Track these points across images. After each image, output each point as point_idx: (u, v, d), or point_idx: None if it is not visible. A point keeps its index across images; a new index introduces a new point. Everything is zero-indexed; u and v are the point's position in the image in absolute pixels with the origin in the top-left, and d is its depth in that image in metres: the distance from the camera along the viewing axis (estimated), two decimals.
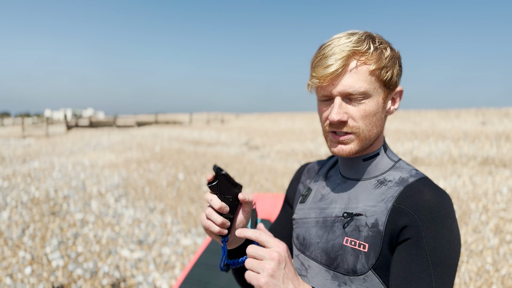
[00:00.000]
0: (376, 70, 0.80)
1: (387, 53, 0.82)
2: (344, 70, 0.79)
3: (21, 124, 24.52)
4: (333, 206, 0.90)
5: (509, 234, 4.20)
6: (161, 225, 4.93)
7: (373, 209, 0.82)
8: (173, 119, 41.39)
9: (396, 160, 0.90)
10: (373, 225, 0.80)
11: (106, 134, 20.25)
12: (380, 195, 0.83)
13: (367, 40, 0.81)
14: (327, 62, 0.79)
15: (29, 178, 7.54)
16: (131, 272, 3.66)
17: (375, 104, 0.82)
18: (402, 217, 0.77)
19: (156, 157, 10.50)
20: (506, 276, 3.40)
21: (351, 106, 0.82)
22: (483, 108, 28.58)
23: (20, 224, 4.72)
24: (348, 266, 0.82)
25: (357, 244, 0.81)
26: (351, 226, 0.84)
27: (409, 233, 0.76)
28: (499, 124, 16.53)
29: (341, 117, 0.81)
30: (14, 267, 3.60)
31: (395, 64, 0.83)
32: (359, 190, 0.87)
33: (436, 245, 0.74)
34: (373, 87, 0.81)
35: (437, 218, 0.75)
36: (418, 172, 0.85)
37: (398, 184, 0.83)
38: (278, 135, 18.74)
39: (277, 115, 42.93)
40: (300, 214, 0.99)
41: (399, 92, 0.89)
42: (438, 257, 0.74)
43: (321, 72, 0.80)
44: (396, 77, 0.84)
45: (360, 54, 0.79)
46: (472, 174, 7.26)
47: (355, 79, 0.79)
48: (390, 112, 0.88)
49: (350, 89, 0.79)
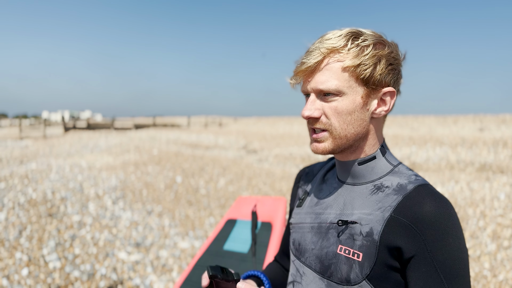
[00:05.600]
0: (350, 67, 0.78)
1: (367, 50, 0.78)
2: (318, 67, 0.80)
3: (18, 126, 24.44)
4: (328, 211, 0.88)
5: (507, 240, 4.21)
6: (158, 228, 4.92)
7: (369, 217, 0.79)
8: (171, 122, 41.36)
9: (396, 164, 0.86)
10: (368, 234, 0.78)
11: (103, 137, 20.20)
12: (377, 203, 0.80)
13: (348, 37, 0.79)
14: (303, 59, 0.81)
15: (26, 179, 7.51)
16: (129, 274, 3.65)
17: (350, 102, 0.80)
18: (401, 229, 0.75)
19: (154, 160, 10.49)
20: (503, 281, 3.40)
21: (324, 102, 0.81)
22: (481, 114, 28.72)
23: (17, 226, 4.70)
24: (342, 275, 0.80)
25: (351, 253, 0.79)
26: (345, 234, 0.81)
27: (413, 249, 0.74)
28: (496, 130, 16.59)
29: (311, 113, 0.82)
30: (11, 269, 3.58)
31: (379, 62, 0.79)
32: (355, 195, 0.85)
33: (445, 258, 0.72)
34: (347, 85, 0.79)
35: (441, 230, 0.73)
36: (418, 178, 0.81)
37: (396, 192, 0.79)
38: (276, 139, 18.75)
39: (275, 119, 42.97)
40: (296, 219, 0.97)
41: (388, 92, 0.83)
42: (449, 270, 0.72)
43: (297, 68, 0.83)
44: (381, 76, 0.80)
45: (335, 51, 0.79)
46: (469, 180, 7.28)
47: (327, 76, 0.79)
48: (377, 113, 0.83)
49: (321, 86, 0.79)
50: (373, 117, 0.84)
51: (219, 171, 9.06)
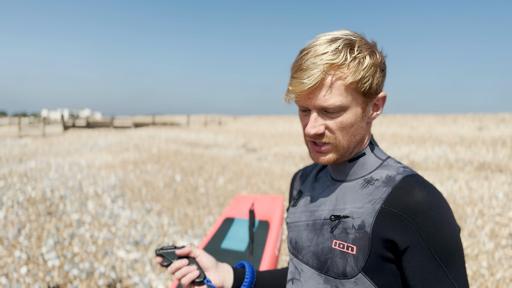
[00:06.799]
0: (353, 84, 0.78)
1: (365, 63, 0.79)
2: (320, 85, 0.78)
3: (17, 124, 24.42)
4: (321, 208, 0.90)
5: (505, 238, 4.22)
6: (157, 226, 4.92)
7: (360, 211, 0.81)
8: (170, 121, 41.33)
9: (384, 158, 0.89)
10: (360, 226, 0.79)
11: (103, 135, 20.20)
12: (367, 196, 0.82)
13: (344, 50, 0.78)
14: (303, 77, 0.78)
15: (25, 178, 7.52)
16: (127, 273, 3.65)
17: (353, 115, 0.81)
18: (393, 220, 0.76)
19: (153, 159, 10.49)
20: (501, 280, 3.42)
21: (328, 118, 0.82)
22: (480, 113, 28.74)
23: (16, 224, 4.70)
24: (338, 269, 0.81)
25: (345, 246, 0.80)
26: (338, 228, 0.83)
27: (408, 239, 0.75)
28: (495, 129, 16.62)
29: (316, 131, 0.82)
30: (9, 267, 3.58)
31: (376, 72, 0.81)
32: (346, 191, 0.87)
33: (440, 244, 0.74)
34: (350, 100, 0.80)
35: (433, 217, 0.74)
36: (406, 169, 0.84)
37: (385, 183, 0.81)
38: (276, 138, 18.77)
39: (274, 117, 42.98)
40: (292, 218, 1.00)
41: (381, 98, 0.86)
42: (446, 255, 0.74)
43: (296, 87, 0.80)
44: (377, 85, 0.82)
45: (335, 67, 0.77)
46: (468, 179, 7.30)
47: (331, 94, 0.78)
48: (372, 118, 0.87)
49: (325, 104, 0.79)
50: (367, 122, 0.88)
51: (218, 170, 9.07)
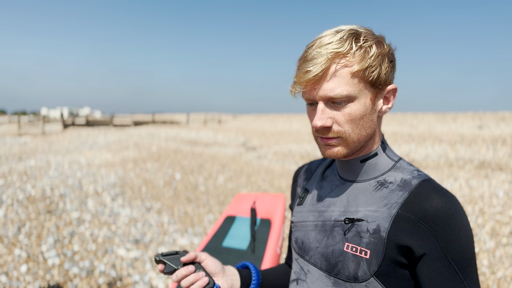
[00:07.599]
0: (360, 72, 0.76)
1: (372, 51, 0.76)
2: (325, 74, 0.76)
3: (17, 122, 24.39)
4: (331, 209, 0.88)
5: (505, 237, 4.22)
6: (157, 225, 4.92)
7: (375, 215, 0.79)
8: (170, 119, 41.32)
9: (397, 159, 0.86)
10: (375, 231, 0.77)
11: (102, 133, 20.18)
12: (382, 199, 0.80)
13: (349, 40, 0.76)
14: (307, 66, 0.77)
15: (25, 176, 7.51)
16: (128, 271, 3.65)
17: (362, 106, 0.78)
18: (410, 226, 0.75)
19: (153, 157, 10.49)
20: (502, 279, 3.41)
21: (335, 110, 0.79)
22: (480, 112, 28.74)
23: (16, 222, 4.69)
24: (349, 273, 0.79)
25: (359, 250, 0.79)
26: (352, 231, 0.81)
27: (424, 246, 0.74)
28: (495, 128, 16.61)
29: (324, 123, 0.78)
30: (9, 265, 3.57)
31: (383, 61, 0.78)
32: (358, 192, 0.85)
33: (457, 252, 0.73)
34: (358, 89, 0.77)
35: (451, 225, 0.73)
36: (421, 173, 0.82)
37: (401, 188, 0.79)
38: (276, 136, 18.76)
39: (274, 116, 42.97)
40: (298, 217, 0.97)
41: (392, 90, 0.83)
42: (462, 262, 0.73)
43: (301, 77, 0.78)
44: (385, 75, 0.79)
45: (341, 56, 0.75)
46: (468, 178, 7.30)
47: (337, 83, 0.76)
48: (382, 111, 0.84)
49: (331, 93, 0.76)
50: (378, 116, 0.84)
51: (218, 168, 9.06)
